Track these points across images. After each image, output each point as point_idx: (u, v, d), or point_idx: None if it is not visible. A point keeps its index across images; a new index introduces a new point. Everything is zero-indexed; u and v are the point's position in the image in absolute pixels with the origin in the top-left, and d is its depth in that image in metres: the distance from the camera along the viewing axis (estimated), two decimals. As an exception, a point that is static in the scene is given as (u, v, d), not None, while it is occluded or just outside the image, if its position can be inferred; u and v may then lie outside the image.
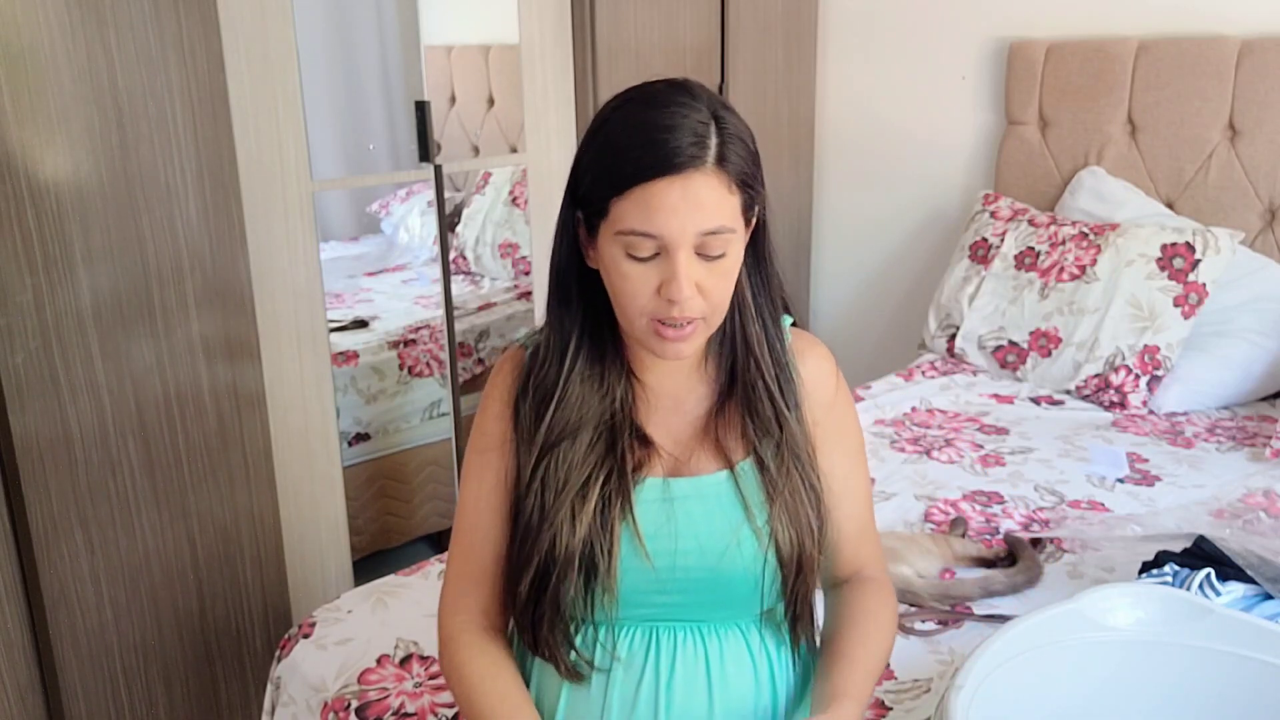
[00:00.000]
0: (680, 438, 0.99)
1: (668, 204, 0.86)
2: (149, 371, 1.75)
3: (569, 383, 0.97)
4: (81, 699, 1.76)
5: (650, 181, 0.86)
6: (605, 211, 0.89)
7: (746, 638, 1.00)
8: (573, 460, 0.95)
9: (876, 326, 3.11)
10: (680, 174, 0.86)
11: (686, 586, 0.96)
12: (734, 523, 0.96)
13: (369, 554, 2.50)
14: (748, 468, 0.98)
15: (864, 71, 2.98)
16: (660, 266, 0.89)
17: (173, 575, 1.85)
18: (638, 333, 0.93)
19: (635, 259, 0.89)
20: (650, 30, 2.53)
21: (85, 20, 1.58)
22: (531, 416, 0.98)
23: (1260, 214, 2.30)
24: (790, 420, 0.98)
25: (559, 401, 0.96)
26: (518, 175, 2.74)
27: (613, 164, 0.88)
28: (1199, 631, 0.98)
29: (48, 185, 1.59)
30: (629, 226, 0.88)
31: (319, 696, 1.38)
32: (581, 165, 0.93)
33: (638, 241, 0.88)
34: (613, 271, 0.91)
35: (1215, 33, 2.32)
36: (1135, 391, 2.16)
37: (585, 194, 0.92)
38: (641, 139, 0.87)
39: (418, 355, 2.68)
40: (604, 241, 0.91)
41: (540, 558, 0.94)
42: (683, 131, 0.87)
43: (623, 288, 0.90)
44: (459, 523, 1.03)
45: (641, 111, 0.89)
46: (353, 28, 2.43)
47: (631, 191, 0.87)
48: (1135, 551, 1.50)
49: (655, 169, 0.86)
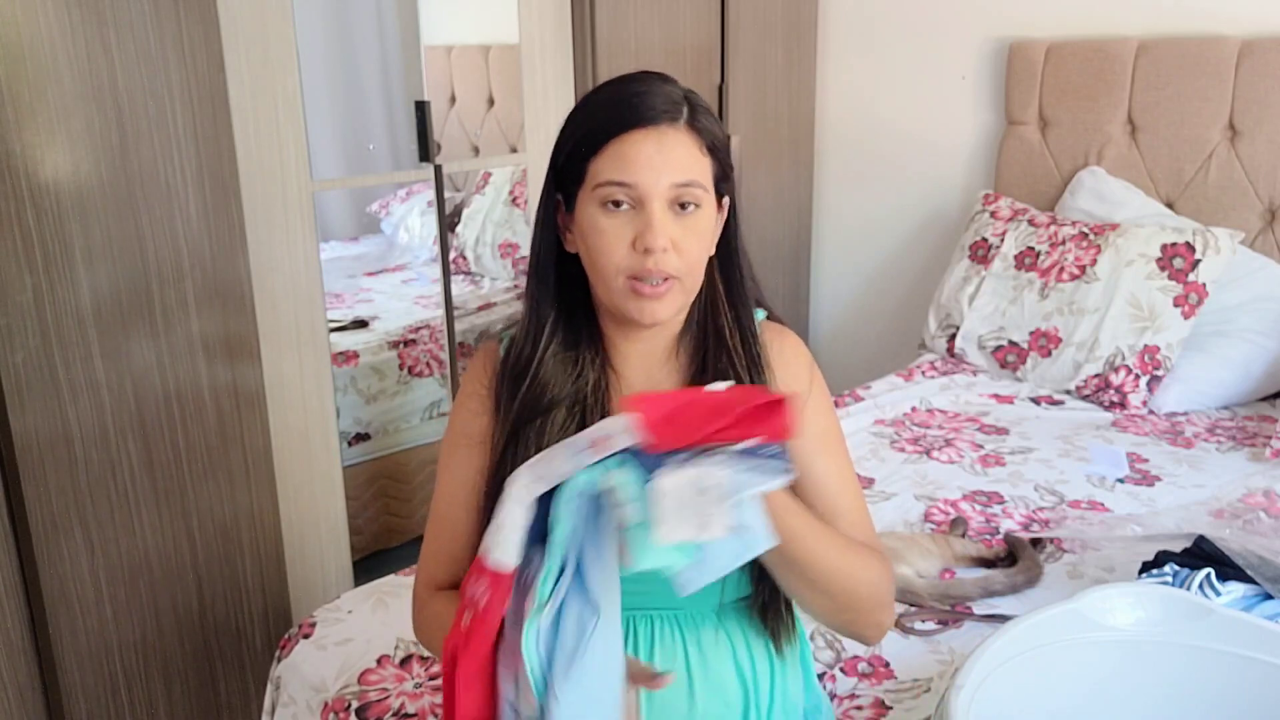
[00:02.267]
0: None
1: (643, 154, 0.91)
2: (149, 371, 1.75)
3: (543, 361, 0.98)
4: (81, 699, 1.76)
5: (625, 133, 0.91)
6: (583, 175, 0.93)
7: (725, 626, 1.01)
8: (545, 441, 0.95)
9: (876, 326, 3.11)
10: (654, 126, 0.92)
11: (656, 570, 0.96)
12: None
13: (369, 554, 2.50)
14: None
15: (864, 71, 2.98)
16: (635, 219, 0.92)
17: (173, 575, 1.85)
18: (615, 297, 0.94)
19: (612, 211, 0.92)
20: (650, 30, 2.53)
21: (85, 20, 1.58)
22: (507, 397, 0.99)
23: (1260, 214, 2.30)
24: None
25: (532, 378, 0.98)
26: (518, 175, 2.74)
27: (589, 128, 0.93)
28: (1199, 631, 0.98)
29: (48, 185, 1.59)
30: (605, 178, 0.91)
31: (319, 697, 1.38)
32: (560, 143, 0.96)
33: (613, 191, 0.91)
34: (590, 231, 0.93)
35: (1215, 33, 2.32)
36: (1135, 391, 2.16)
37: (564, 167, 0.95)
38: (616, 100, 0.93)
39: (418, 355, 2.68)
40: (582, 208, 0.94)
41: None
42: (656, 94, 0.93)
43: (599, 243, 0.92)
44: (433, 513, 1.05)
45: (616, 85, 0.96)
46: (353, 28, 2.43)
47: (608, 146, 0.92)
48: (1135, 551, 1.50)
49: (630, 122, 0.91)
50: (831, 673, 1.32)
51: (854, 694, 1.28)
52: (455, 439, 1.04)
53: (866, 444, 2.05)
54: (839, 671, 1.32)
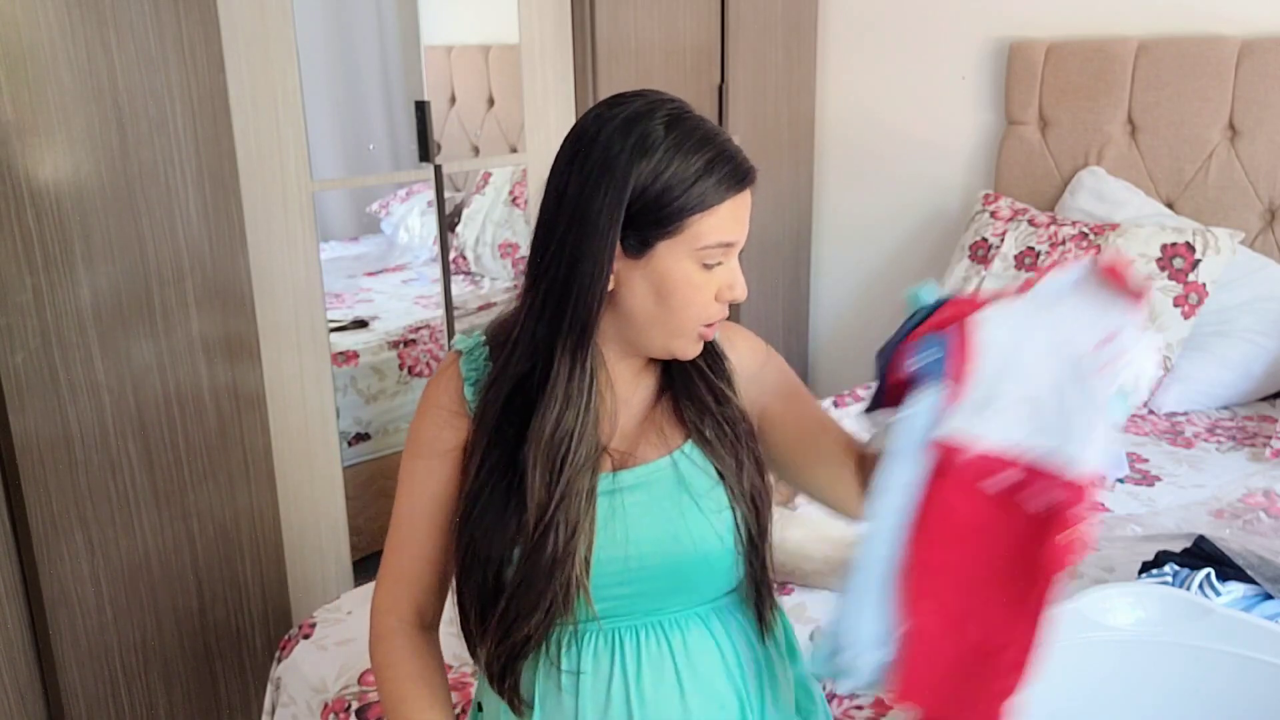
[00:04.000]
0: (625, 432, 1.01)
1: (743, 214, 0.94)
2: (149, 371, 1.75)
3: (566, 401, 0.95)
4: (81, 699, 1.76)
5: (736, 195, 0.93)
6: (677, 228, 0.91)
7: (708, 625, 1.01)
8: (559, 466, 0.95)
9: (876, 326, 3.11)
10: (750, 186, 0.94)
11: (644, 575, 0.97)
12: (681, 506, 0.97)
13: (369, 554, 2.50)
14: (690, 450, 1.00)
15: (864, 71, 2.98)
16: (721, 273, 0.95)
17: (173, 575, 1.85)
18: (677, 342, 0.96)
19: (708, 269, 0.93)
20: (650, 30, 2.53)
21: (85, 20, 1.58)
22: (503, 420, 0.97)
23: (1260, 214, 2.30)
24: (725, 395, 1.01)
25: (546, 411, 0.95)
26: (518, 175, 2.74)
27: (702, 188, 0.91)
28: (1199, 631, 0.98)
29: (48, 185, 1.59)
30: (716, 240, 0.92)
31: (319, 697, 1.38)
32: (645, 191, 0.90)
33: (717, 252, 0.93)
34: (682, 286, 0.93)
35: (1215, 33, 2.32)
36: (1135, 391, 2.16)
37: (651, 217, 0.91)
38: (718, 155, 0.92)
39: (418, 355, 2.68)
40: (670, 260, 0.92)
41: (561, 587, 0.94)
42: (732, 143, 0.94)
43: (692, 298, 0.94)
44: (395, 524, 1.04)
45: (698, 128, 0.93)
46: (353, 28, 2.44)
47: (722, 206, 0.92)
48: (1135, 551, 1.50)
49: (741, 181, 0.93)
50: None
51: (854, 694, 1.28)
52: (417, 450, 1.03)
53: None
54: (839, 671, 1.32)
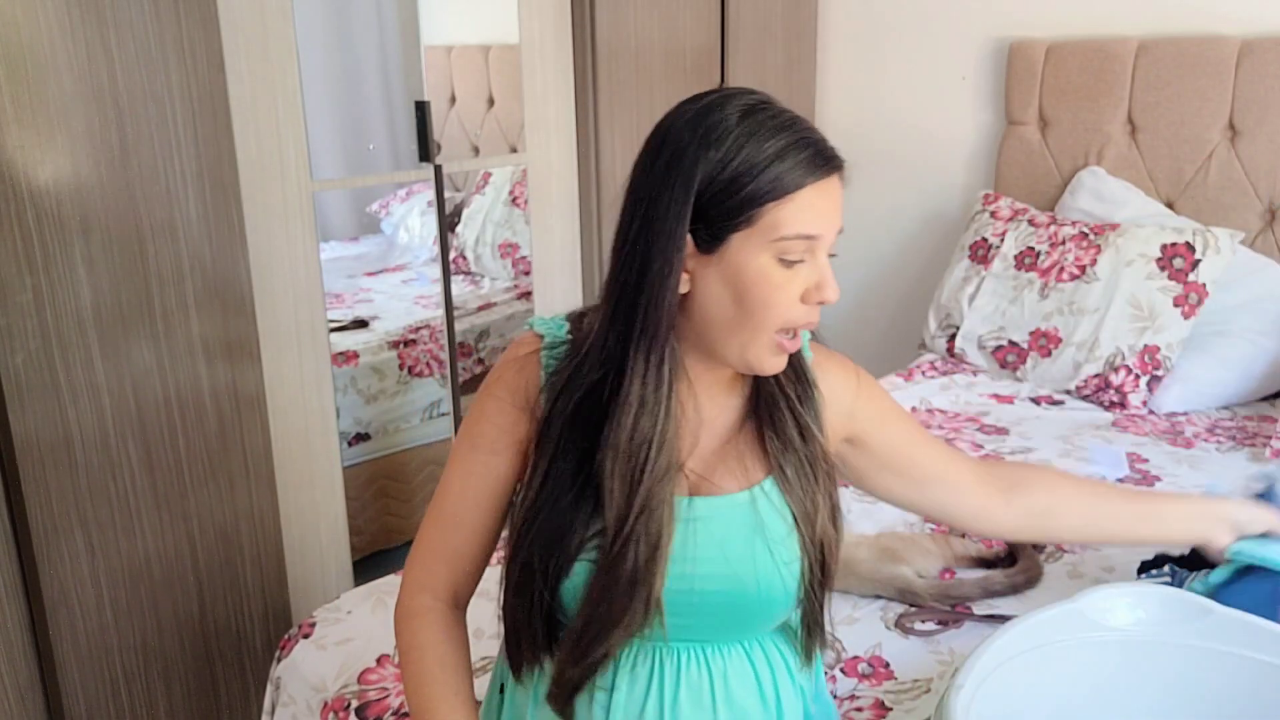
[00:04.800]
0: (704, 456, 0.96)
1: (828, 204, 0.86)
2: (149, 372, 1.75)
3: (641, 411, 0.90)
4: (81, 699, 1.76)
5: (818, 182, 0.85)
6: (753, 220, 0.84)
7: (750, 655, 0.99)
8: (641, 477, 0.90)
9: (876, 326, 3.11)
10: (834, 174, 0.87)
11: (703, 609, 0.94)
12: (753, 548, 0.93)
13: (369, 554, 2.50)
14: (770, 487, 0.96)
15: (864, 72, 2.98)
16: (804, 271, 0.87)
17: (173, 576, 1.85)
18: (754, 351, 0.89)
19: (787, 264, 0.86)
20: (650, 30, 2.53)
21: (85, 20, 1.58)
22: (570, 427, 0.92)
23: (1260, 214, 2.30)
24: (812, 433, 0.97)
25: (623, 421, 0.90)
26: (518, 175, 2.74)
27: (776, 171, 0.84)
28: (1199, 631, 0.98)
29: (48, 185, 1.59)
30: (795, 231, 0.85)
31: (319, 696, 1.38)
32: (713, 179, 0.85)
33: (796, 245, 0.85)
34: (759, 283, 0.86)
35: (1215, 33, 2.32)
36: (1135, 391, 2.16)
37: (722, 207, 0.85)
38: (796, 140, 0.85)
39: (418, 355, 2.68)
40: (743, 254, 0.85)
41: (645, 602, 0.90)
42: (816, 133, 0.87)
43: (771, 298, 0.86)
44: (440, 503, 1.00)
45: (776, 117, 0.87)
46: (353, 28, 2.43)
47: (800, 193, 0.84)
48: (1135, 551, 1.50)
49: (824, 167, 0.85)
50: (832, 673, 1.32)
51: (854, 694, 1.28)
52: (477, 440, 0.98)
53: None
54: (839, 672, 1.32)
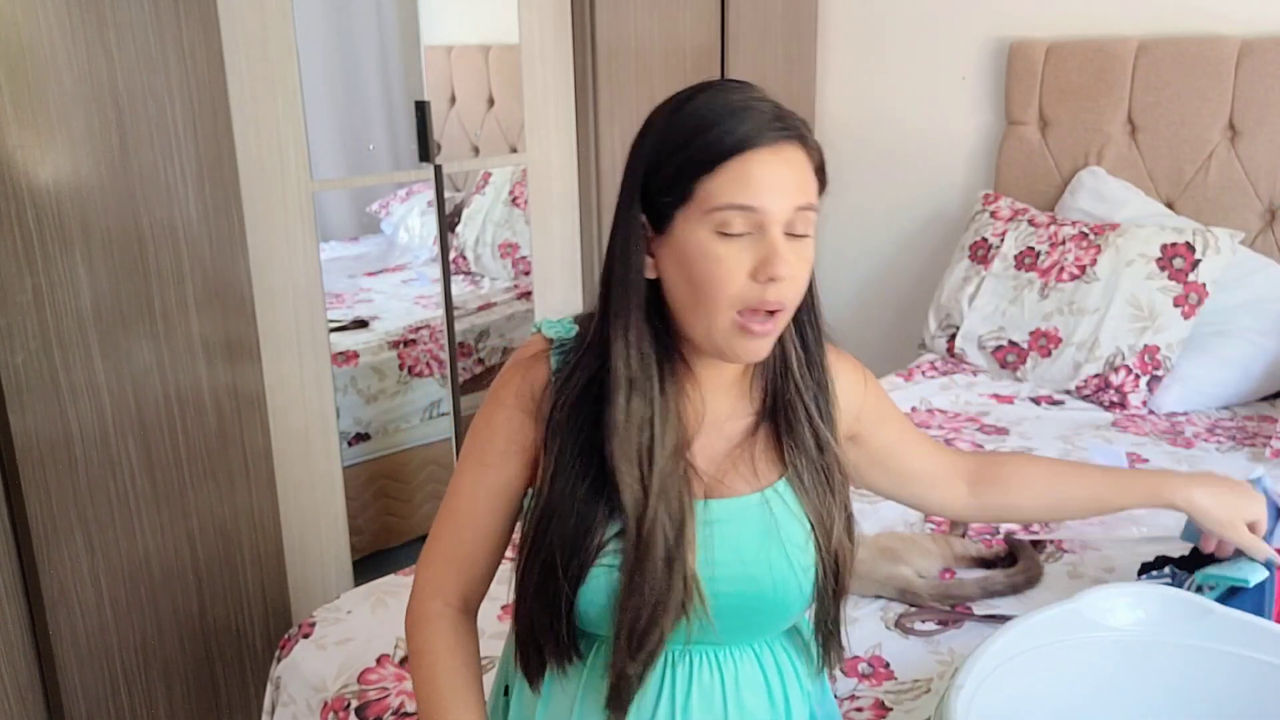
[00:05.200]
0: (716, 458, 0.96)
1: (767, 175, 0.84)
2: (149, 372, 1.75)
3: (666, 413, 0.90)
4: (81, 699, 1.76)
5: (748, 152, 0.84)
6: (689, 195, 0.85)
7: (760, 659, 0.98)
8: (676, 496, 0.90)
9: (876, 326, 3.11)
10: (775, 145, 0.85)
11: (718, 610, 0.92)
12: (769, 551, 0.93)
13: (369, 554, 2.50)
14: (782, 489, 0.95)
15: (864, 72, 2.98)
16: (754, 246, 0.85)
17: (172, 575, 1.85)
18: (718, 334, 0.88)
19: (727, 237, 0.84)
20: (650, 30, 2.53)
21: (85, 20, 1.58)
22: (572, 427, 0.91)
23: (1260, 214, 2.30)
24: (828, 442, 0.96)
25: (658, 438, 0.90)
26: (518, 175, 2.74)
27: (701, 142, 0.84)
28: (1199, 631, 0.98)
29: (48, 185, 1.59)
30: (725, 201, 0.84)
31: (319, 696, 1.38)
32: (652, 158, 0.88)
33: (733, 217, 0.84)
34: (699, 259, 0.85)
35: (1215, 33, 2.32)
36: (1135, 391, 2.16)
37: (661, 184, 0.87)
38: (730, 113, 0.85)
39: (418, 355, 2.68)
40: (686, 231, 0.86)
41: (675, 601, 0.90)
42: (767, 107, 0.86)
43: (714, 273, 0.85)
44: (451, 506, 0.99)
45: (718, 95, 0.87)
46: (353, 28, 2.43)
47: (727, 164, 0.84)
48: (1135, 552, 1.50)
49: (753, 139, 0.84)
50: (832, 673, 1.32)
51: (854, 694, 1.28)
52: (485, 447, 0.97)
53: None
54: (839, 672, 1.32)
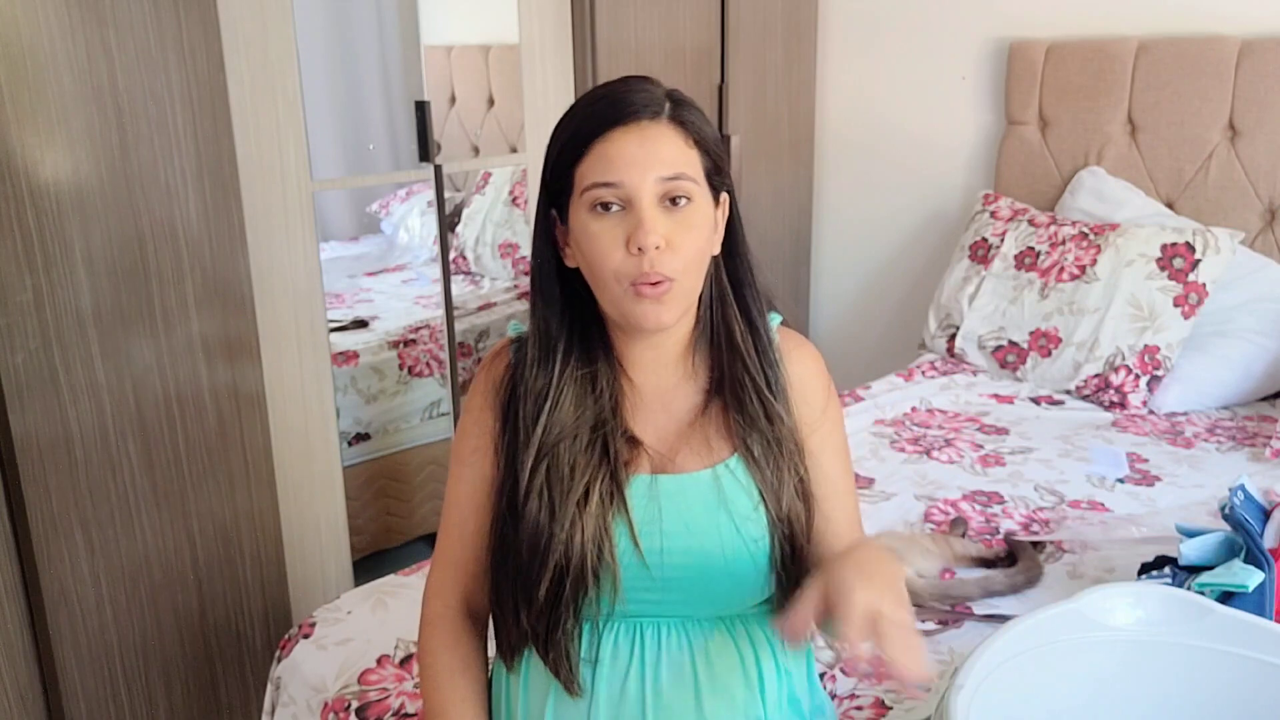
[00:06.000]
0: (666, 435, 0.99)
1: (626, 152, 0.90)
2: (149, 371, 1.75)
3: (562, 385, 0.97)
4: (81, 699, 1.76)
5: (606, 133, 0.90)
6: (571, 183, 0.92)
7: (733, 633, 1.00)
8: (572, 463, 0.95)
9: (876, 326, 3.11)
10: (635, 122, 0.91)
11: (673, 583, 0.96)
12: (718, 523, 0.96)
13: (369, 554, 2.50)
14: (734, 464, 0.98)
15: (864, 72, 2.98)
16: (626, 220, 0.90)
17: (173, 575, 1.85)
18: (619, 304, 0.92)
19: (601, 214, 0.90)
20: (650, 30, 2.53)
21: (85, 20, 1.58)
22: (525, 420, 0.97)
23: (1260, 214, 2.30)
24: (778, 415, 0.98)
25: (554, 405, 0.96)
26: (518, 175, 2.74)
27: (572, 134, 0.92)
28: (1199, 631, 0.98)
29: (48, 185, 1.59)
30: (591, 181, 0.90)
31: (319, 697, 1.38)
32: (547, 157, 0.96)
33: (600, 193, 0.90)
34: (583, 238, 0.92)
35: (1215, 33, 2.32)
36: (1135, 391, 2.16)
37: (553, 180, 0.95)
38: (596, 103, 0.92)
39: (418, 355, 2.68)
40: (574, 216, 0.93)
41: (557, 562, 0.94)
42: (635, 92, 0.92)
43: (594, 249, 0.91)
44: (448, 511, 1.05)
45: (596, 90, 0.95)
46: (353, 28, 2.43)
47: (591, 149, 0.90)
48: (1135, 552, 1.50)
49: (610, 120, 0.91)
50: (832, 673, 1.32)
51: (854, 694, 1.28)
52: (464, 443, 1.03)
53: (866, 444, 2.04)
54: (839, 672, 1.32)
